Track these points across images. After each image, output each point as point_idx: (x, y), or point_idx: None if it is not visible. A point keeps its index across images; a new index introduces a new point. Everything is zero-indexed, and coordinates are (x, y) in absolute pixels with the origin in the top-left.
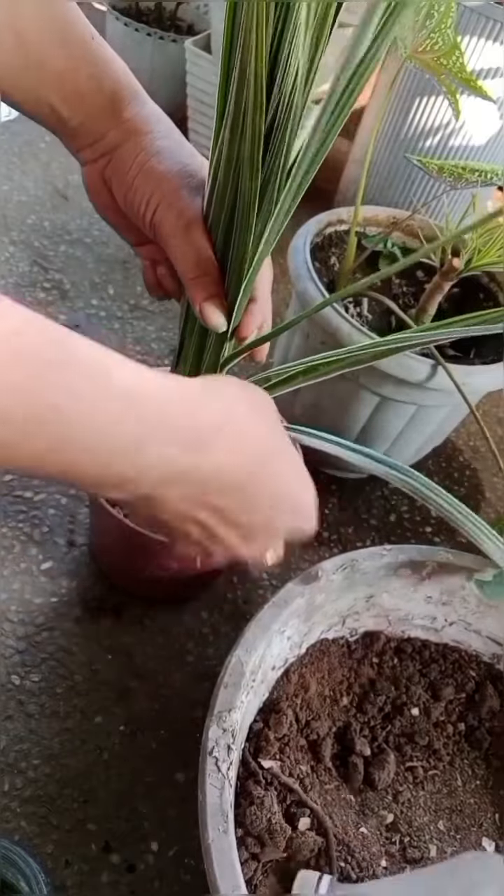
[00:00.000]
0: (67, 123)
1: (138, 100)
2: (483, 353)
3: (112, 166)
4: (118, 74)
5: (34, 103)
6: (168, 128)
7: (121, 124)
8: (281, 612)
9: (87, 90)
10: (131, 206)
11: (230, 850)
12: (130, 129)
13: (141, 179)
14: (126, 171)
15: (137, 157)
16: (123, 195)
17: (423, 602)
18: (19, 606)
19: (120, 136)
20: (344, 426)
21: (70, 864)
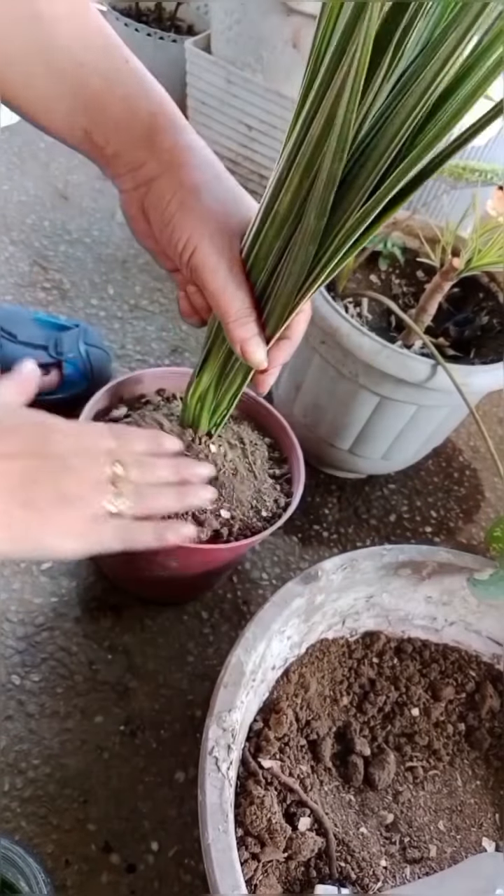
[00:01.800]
0: (103, 151)
1: (176, 128)
2: (483, 354)
3: (150, 198)
4: (155, 100)
5: (69, 130)
6: (208, 160)
7: (158, 155)
8: (281, 611)
9: (122, 117)
10: (168, 243)
11: (230, 850)
12: (168, 160)
13: (179, 218)
14: (164, 207)
15: (176, 193)
16: (160, 230)
17: (424, 602)
18: (19, 606)
19: (158, 168)
20: (344, 426)
21: (70, 863)
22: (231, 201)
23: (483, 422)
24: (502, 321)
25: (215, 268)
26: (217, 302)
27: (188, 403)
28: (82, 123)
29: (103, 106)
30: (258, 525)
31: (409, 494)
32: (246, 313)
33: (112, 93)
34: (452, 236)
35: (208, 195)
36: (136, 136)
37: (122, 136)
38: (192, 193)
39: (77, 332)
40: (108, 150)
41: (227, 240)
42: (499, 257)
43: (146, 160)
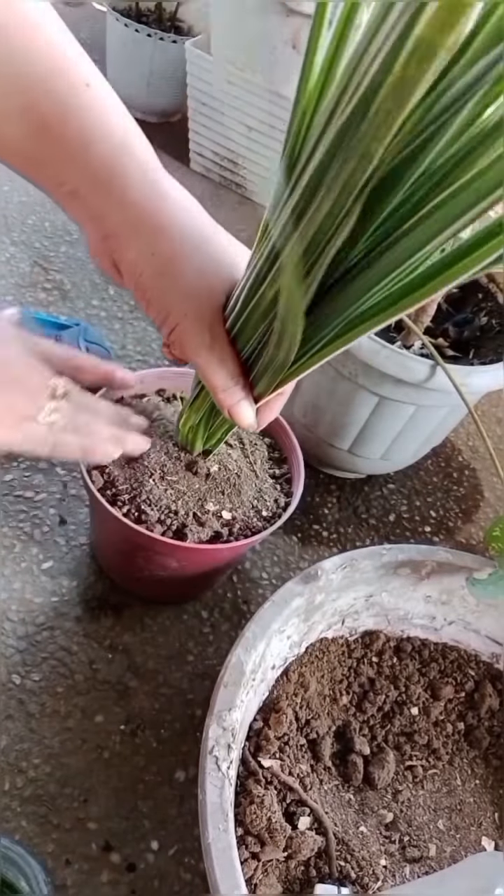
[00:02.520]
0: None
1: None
2: (482, 354)
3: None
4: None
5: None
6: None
7: (124, 207)
8: (281, 611)
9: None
10: (147, 311)
11: (230, 849)
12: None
13: (156, 294)
14: (138, 276)
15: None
16: (136, 296)
17: (423, 601)
18: (20, 606)
19: (125, 225)
20: (343, 426)
21: (70, 863)
22: (214, 271)
23: (482, 422)
24: (501, 322)
25: (197, 346)
26: (203, 375)
27: (181, 430)
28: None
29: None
30: (258, 525)
31: (409, 494)
32: (232, 383)
33: (65, 122)
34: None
35: (189, 269)
36: (94, 177)
37: (79, 176)
38: (168, 267)
39: (77, 330)
40: (63, 189)
41: (209, 316)
42: None
43: (109, 211)
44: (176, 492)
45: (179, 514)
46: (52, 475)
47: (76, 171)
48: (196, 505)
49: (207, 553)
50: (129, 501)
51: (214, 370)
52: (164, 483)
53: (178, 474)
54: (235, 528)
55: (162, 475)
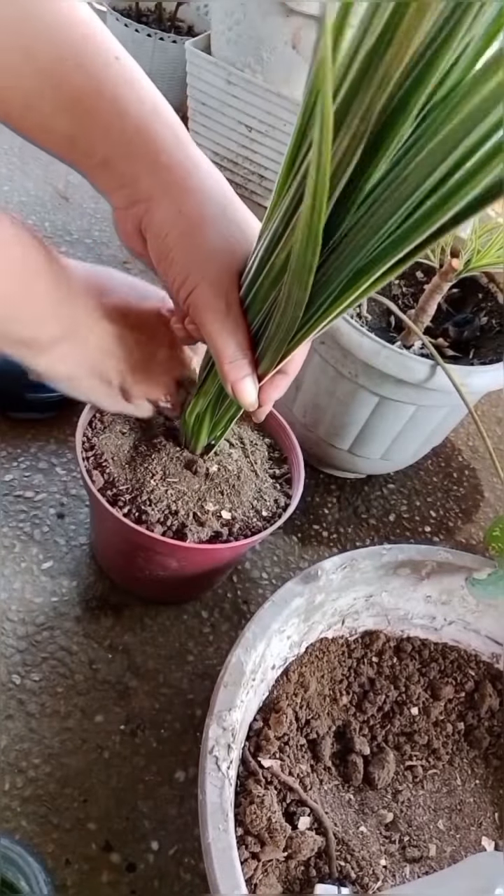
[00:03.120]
0: (90, 161)
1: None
2: (482, 354)
3: (147, 221)
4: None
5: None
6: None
7: (156, 172)
8: (281, 611)
9: (111, 121)
10: (165, 275)
11: (230, 849)
12: (168, 181)
13: (179, 253)
14: (163, 238)
15: (177, 224)
16: (157, 259)
17: (423, 601)
18: (20, 606)
19: (156, 188)
20: (343, 426)
21: (70, 863)
22: (236, 236)
23: (482, 422)
24: (501, 322)
25: (213, 311)
26: (212, 342)
27: (186, 420)
28: (65, 127)
29: (89, 108)
30: (258, 525)
31: (409, 494)
32: (240, 355)
33: (99, 93)
34: (451, 237)
35: (213, 232)
36: (128, 144)
37: (112, 144)
38: (194, 228)
39: None
40: (94, 160)
41: (227, 281)
42: (498, 258)
43: (141, 176)
44: (176, 492)
45: (179, 514)
46: (52, 475)
47: (109, 140)
48: (196, 505)
49: (207, 553)
50: (130, 502)
51: (225, 339)
52: (164, 483)
53: (179, 474)
54: (235, 528)
55: (163, 475)
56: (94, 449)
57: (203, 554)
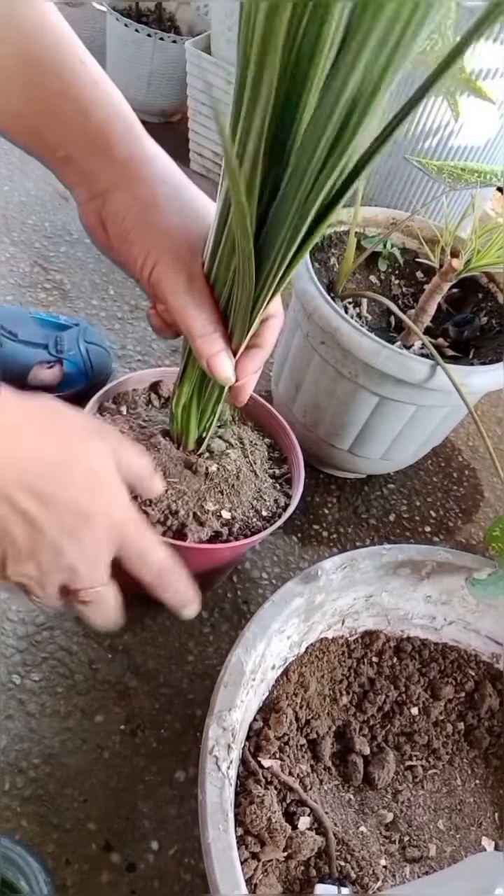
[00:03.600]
0: (54, 154)
1: (133, 135)
2: (482, 354)
3: (106, 211)
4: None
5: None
6: (167, 171)
7: (112, 165)
8: (281, 611)
9: (75, 120)
10: (127, 259)
11: (230, 849)
12: (123, 172)
13: (136, 234)
14: (120, 222)
15: (132, 207)
16: (119, 245)
17: (423, 601)
18: (20, 606)
19: (112, 180)
20: (343, 426)
21: (70, 863)
22: (191, 215)
23: (482, 422)
24: (501, 322)
25: (175, 285)
26: (181, 318)
27: (175, 413)
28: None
29: (54, 108)
30: (258, 525)
31: (409, 494)
32: (210, 329)
33: (64, 95)
34: (451, 237)
35: (166, 209)
36: (89, 142)
37: (75, 142)
38: (148, 208)
39: (77, 330)
40: (59, 154)
41: (186, 255)
42: (498, 258)
43: (99, 170)
44: (176, 492)
45: (179, 514)
46: None
47: (72, 138)
48: (196, 505)
49: (207, 553)
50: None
51: (192, 314)
52: (164, 483)
53: (179, 474)
54: (235, 528)
55: (163, 475)
56: None
57: (203, 554)
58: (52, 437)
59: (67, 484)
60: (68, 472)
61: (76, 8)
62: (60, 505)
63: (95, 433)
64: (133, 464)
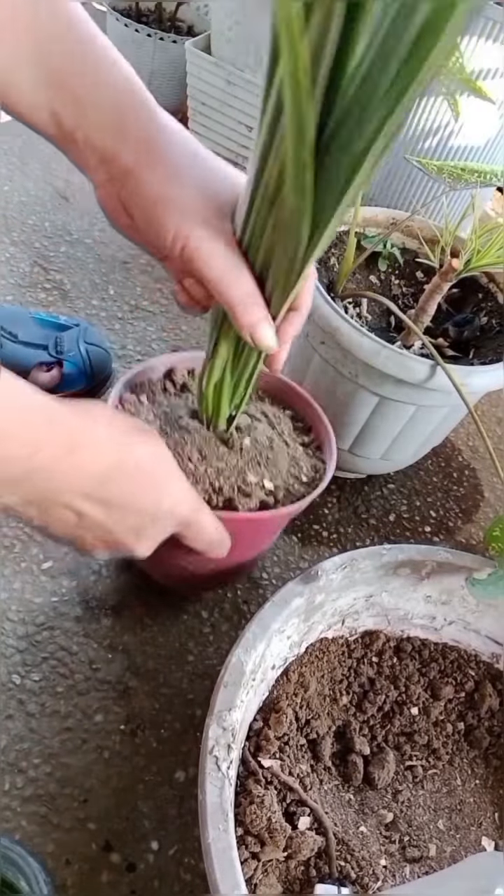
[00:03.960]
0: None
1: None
2: (482, 354)
3: (127, 192)
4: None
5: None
6: (183, 141)
7: (131, 144)
8: (281, 611)
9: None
10: (157, 238)
11: (230, 849)
12: (144, 149)
13: (163, 210)
14: (145, 202)
15: (155, 185)
16: (145, 225)
17: (423, 601)
18: (20, 606)
19: (132, 159)
20: (343, 426)
21: (70, 863)
22: (214, 178)
23: (482, 422)
24: (501, 322)
25: (210, 255)
26: (218, 290)
27: (205, 393)
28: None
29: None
30: (301, 490)
31: (409, 494)
32: (250, 297)
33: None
34: (451, 237)
35: (190, 179)
36: (105, 118)
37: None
38: (172, 181)
39: (77, 331)
40: (78, 135)
41: (217, 222)
42: (498, 258)
43: (119, 151)
44: (215, 470)
45: (224, 489)
46: None
47: (89, 119)
48: (238, 479)
49: (261, 522)
50: None
51: (231, 282)
52: (203, 463)
53: (215, 453)
54: (280, 496)
55: (201, 457)
56: None
57: (257, 524)
58: (109, 443)
59: (129, 489)
60: (129, 477)
61: None
62: (125, 508)
63: (146, 430)
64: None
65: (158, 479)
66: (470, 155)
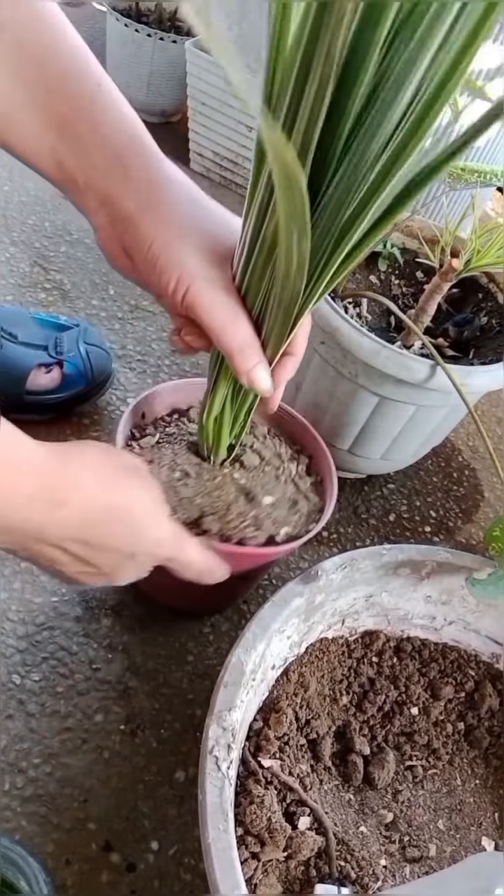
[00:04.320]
0: (75, 179)
1: (151, 158)
2: (482, 354)
3: (129, 238)
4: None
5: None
6: (186, 189)
7: (134, 191)
8: (281, 611)
9: (91, 142)
10: (158, 284)
11: (230, 849)
12: (146, 198)
13: (165, 259)
14: (147, 249)
15: (157, 233)
16: (147, 271)
17: (423, 601)
18: (20, 606)
19: (134, 206)
20: (343, 426)
21: (70, 863)
22: (215, 225)
23: (482, 422)
24: (501, 322)
25: (211, 305)
26: (218, 337)
27: (206, 426)
28: (50, 144)
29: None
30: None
31: (409, 494)
32: (248, 345)
33: (83, 118)
34: (451, 237)
35: (191, 230)
36: (108, 164)
37: (93, 167)
38: (174, 230)
39: (77, 331)
40: (79, 178)
41: (218, 270)
42: (498, 258)
43: (120, 195)
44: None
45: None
46: None
47: (91, 163)
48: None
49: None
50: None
51: (231, 331)
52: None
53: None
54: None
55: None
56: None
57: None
58: (96, 489)
59: (112, 532)
60: (112, 520)
61: (76, 8)
62: (107, 548)
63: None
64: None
65: (139, 522)
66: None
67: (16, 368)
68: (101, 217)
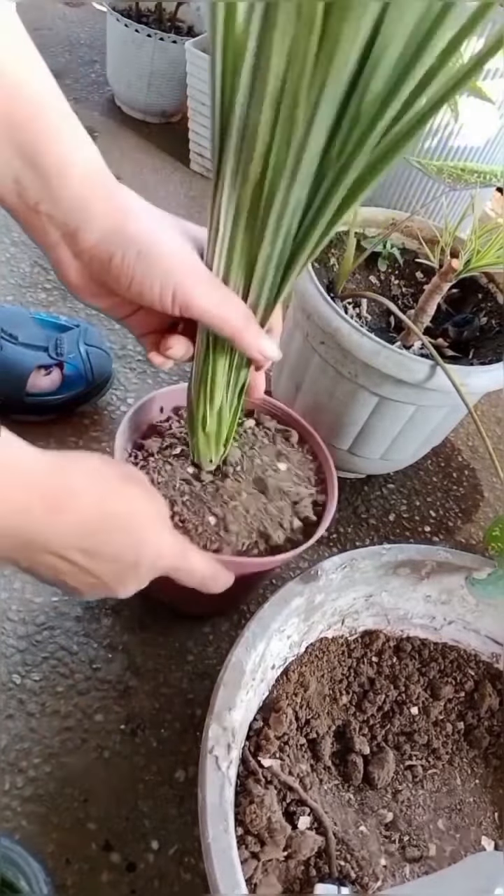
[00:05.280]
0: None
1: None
2: (481, 354)
3: (98, 265)
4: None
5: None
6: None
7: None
8: (281, 611)
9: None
10: (141, 296)
11: (230, 849)
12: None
13: (142, 270)
14: (123, 267)
15: (127, 252)
16: (126, 289)
17: (423, 601)
18: (20, 605)
19: (98, 232)
20: (343, 426)
21: (70, 862)
22: (182, 228)
23: (481, 422)
24: (501, 322)
25: (203, 297)
26: (219, 323)
27: (197, 439)
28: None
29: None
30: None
31: (408, 494)
32: (249, 317)
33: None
34: (451, 237)
35: (164, 235)
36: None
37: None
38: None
39: (77, 332)
40: (41, 208)
41: (197, 263)
42: (497, 258)
43: (82, 225)
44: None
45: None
46: None
47: (52, 195)
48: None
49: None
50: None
51: (228, 314)
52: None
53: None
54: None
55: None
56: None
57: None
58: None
59: (112, 539)
60: (112, 529)
61: (76, 8)
62: (107, 558)
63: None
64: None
65: (140, 530)
66: (470, 155)
67: (16, 370)
68: (62, 251)
